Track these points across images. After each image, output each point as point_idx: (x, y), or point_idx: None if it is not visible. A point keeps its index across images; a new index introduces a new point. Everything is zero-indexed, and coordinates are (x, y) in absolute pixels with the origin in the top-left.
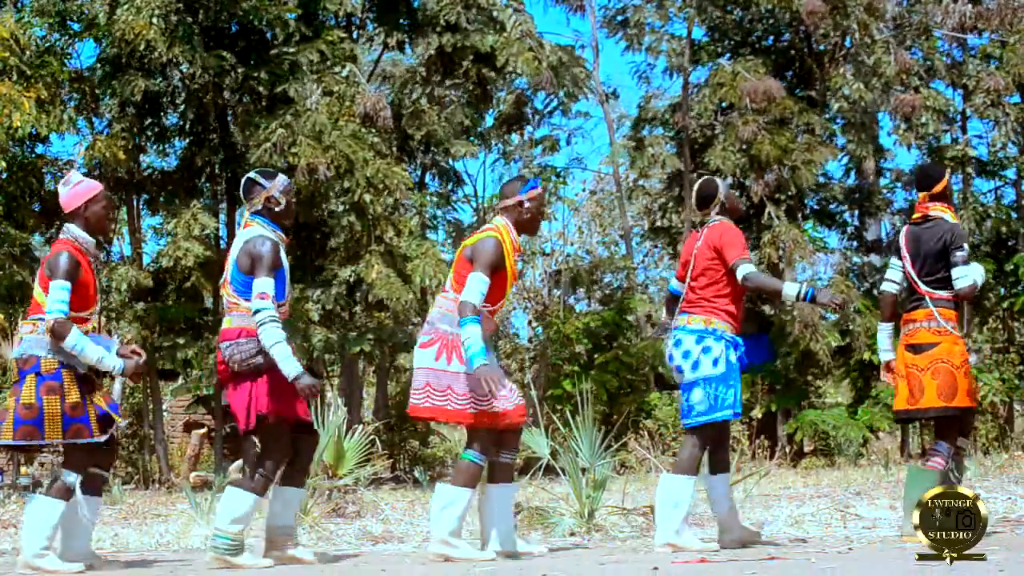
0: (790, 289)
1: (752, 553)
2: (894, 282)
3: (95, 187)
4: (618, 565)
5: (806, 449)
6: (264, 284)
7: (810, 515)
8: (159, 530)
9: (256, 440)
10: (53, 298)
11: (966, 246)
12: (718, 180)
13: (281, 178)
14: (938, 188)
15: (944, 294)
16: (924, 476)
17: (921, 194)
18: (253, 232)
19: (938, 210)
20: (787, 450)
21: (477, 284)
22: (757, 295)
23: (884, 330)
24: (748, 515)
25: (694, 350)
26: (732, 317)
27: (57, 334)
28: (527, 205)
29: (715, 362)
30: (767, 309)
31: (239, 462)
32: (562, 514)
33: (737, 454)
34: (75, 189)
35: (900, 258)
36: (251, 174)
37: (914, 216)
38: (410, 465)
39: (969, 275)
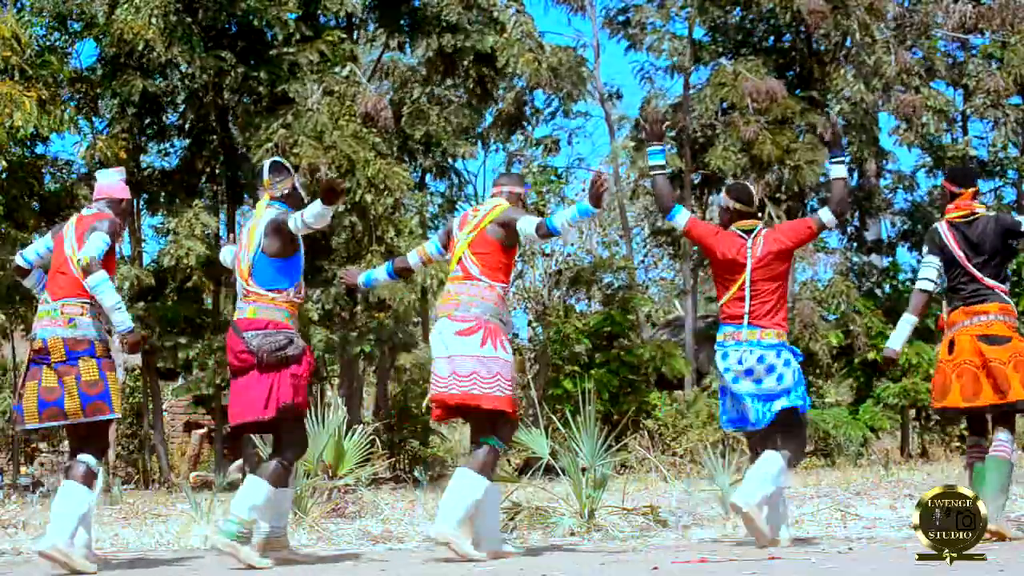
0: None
1: (752, 553)
2: (932, 280)
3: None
4: (618, 565)
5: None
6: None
7: (810, 515)
8: (159, 530)
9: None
10: (94, 243)
11: None
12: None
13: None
14: (977, 187)
15: (1006, 287)
16: (1001, 466)
17: (967, 191)
18: (272, 212)
19: (981, 208)
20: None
21: (534, 218)
22: None
23: (911, 323)
24: None
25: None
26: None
27: (88, 270)
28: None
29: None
30: None
31: (239, 462)
32: (562, 514)
33: (737, 454)
34: (123, 183)
35: (942, 257)
36: (276, 159)
37: (955, 215)
38: (410, 465)
39: None
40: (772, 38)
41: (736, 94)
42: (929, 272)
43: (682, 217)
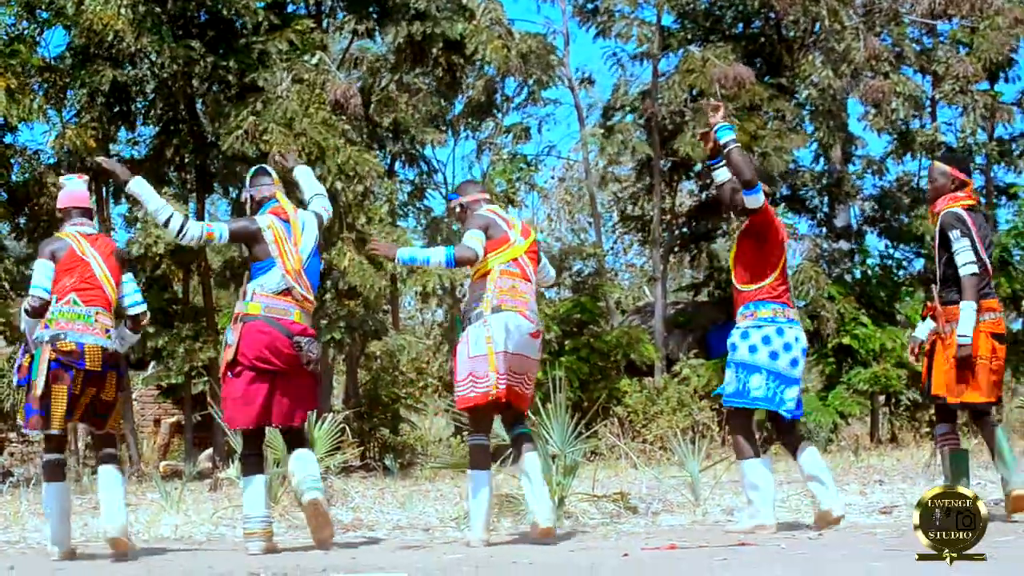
0: None
1: (722, 539)
2: (978, 262)
3: None
4: (588, 552)
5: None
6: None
7: (780, 501)
8: (129, 519)
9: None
10: (137, 293)
11: None
12: None
13: None
14: None
15: None
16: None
17: (970, 181)
18: (307, 210)
19: None
20: (757, 436)
21: None
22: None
23: (974, 307)
24: (718, 502)
25: None
26: None
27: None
28: None
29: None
30: None
31: (209, 451)
32: None
33: (707, 440)
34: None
35: (972, 240)
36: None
37: (969, 203)
38: (380, 453)
39: None
40: (741, 24)
41: (704, 80)
42: (972, 255)
43: (762, 195)
